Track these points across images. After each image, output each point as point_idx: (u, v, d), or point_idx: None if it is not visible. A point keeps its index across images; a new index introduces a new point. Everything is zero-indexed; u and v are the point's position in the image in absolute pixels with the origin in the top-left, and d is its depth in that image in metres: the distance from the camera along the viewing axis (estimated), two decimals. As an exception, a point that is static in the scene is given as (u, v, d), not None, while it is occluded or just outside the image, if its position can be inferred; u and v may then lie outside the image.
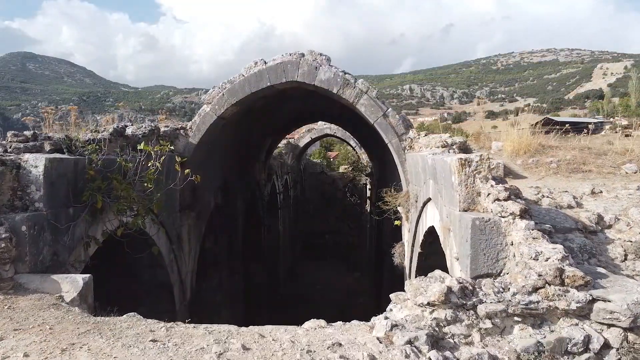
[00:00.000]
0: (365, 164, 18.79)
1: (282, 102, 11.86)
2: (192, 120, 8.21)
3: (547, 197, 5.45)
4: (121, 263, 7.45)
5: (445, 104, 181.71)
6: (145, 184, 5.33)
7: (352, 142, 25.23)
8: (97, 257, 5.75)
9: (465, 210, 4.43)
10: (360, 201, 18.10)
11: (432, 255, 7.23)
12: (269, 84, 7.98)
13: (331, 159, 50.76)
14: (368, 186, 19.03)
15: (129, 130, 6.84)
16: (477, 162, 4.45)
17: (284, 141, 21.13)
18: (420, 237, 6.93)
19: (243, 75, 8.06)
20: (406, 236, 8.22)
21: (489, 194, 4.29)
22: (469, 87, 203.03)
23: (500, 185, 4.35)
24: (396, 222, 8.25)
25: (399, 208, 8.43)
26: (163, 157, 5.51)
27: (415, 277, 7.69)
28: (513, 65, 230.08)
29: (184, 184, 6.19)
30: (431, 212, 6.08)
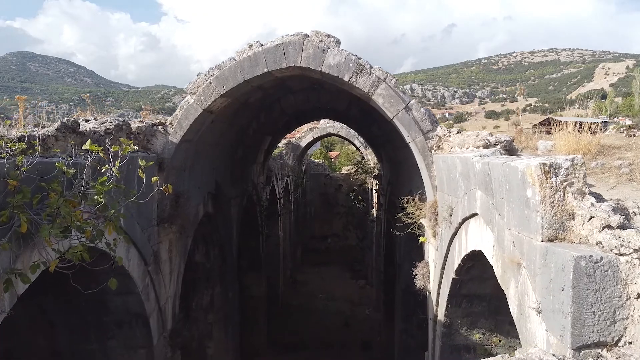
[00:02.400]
0: (373, 166, 17.36)
1: (282, 95, 10.45)
2: (173, 114, 6.79)
3: (640, 214, 4.03)
4: (86, 287, 6.04)
5: (447, 104, 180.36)
6: (96, 197, 3.91)
7: (356, 142, 23.82)
8: (58, 278, 4.36)
9: (551, 240, 3.00)
10: (365, 204, 16.70)
11: (469, 282, 5.82)
12: (265, 69, 6.56)
13: (332, 159, 49.43)
14: (374, 189, 17.59)
15: (88, 125, 5.42)
16: (567, 168, 3.03)
17: (284, 141, 19.74)
18: (456, 261, 5.51)
19: (234, 60, 6.63)
20: (432, 255, 6.79)
21: (591, 217, 2.86)
22: (470, 87, 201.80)
23: (606, 203, 2.93)
24: (421, 239, 6.82)
25: (422, 220, 7.01)
26: (118, 161, 4.08)
27: (447, 306, 6.26)
28: (514, 65, 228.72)
29: (154, 193, 4.76)
30: (477, 232, 4.66)
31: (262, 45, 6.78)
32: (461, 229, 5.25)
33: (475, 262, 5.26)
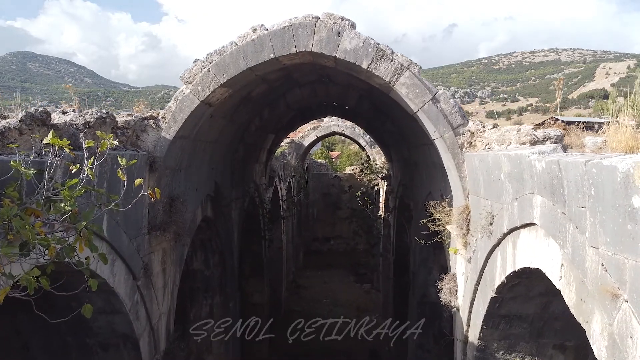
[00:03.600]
0: (381, 166, 16.53)
1: (287, 89, 9.64)
2: (167, 106, 5.96)
3: None
4: (66, 306, 5.25)
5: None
6: (63, 205, 3.08)
7: (361, 141, 23.01)
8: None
9: (675, 267, 2.18)
10: (372, 206, 15.86)
11: (510, 301, 4.99)
12: (272, 55, 5.73)
13: (333, 159, 48.59)
14: (382, 190, 16.77)
15: (65, 118, 4.60)
16: (695, 169, 2.21)
17: (287, 139, 18.91)
18: (497, 277, 4.68)
19: (236, 45, 5.80)
20: (462, 267, 5.96)
21: None
22: (470, 87, 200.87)
23: None
24: (451, 250, 5.98)
25: (448, 227, 6.19)
26: (91, 160, 3.25)
27: (482, 327, 5.43)
28: (515, 65, 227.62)
29: (144, 197, 3.94)
30: (532, 245, 3.83)
31: (267, 29, 5.95)
32: (506, 241, 4.43)
33: (523, 279, 4.45)
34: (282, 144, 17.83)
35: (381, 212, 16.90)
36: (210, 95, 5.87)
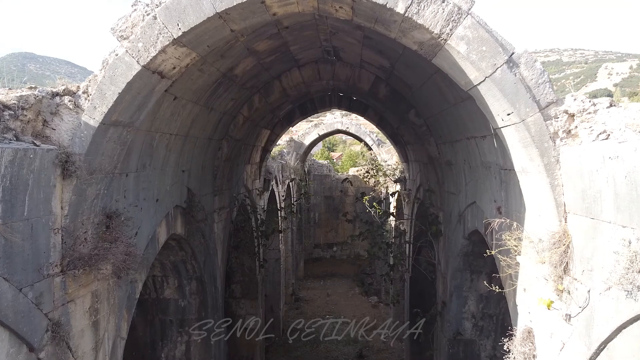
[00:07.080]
0: (395, 167, 14.43)
1: (283, 70, 7.56)
2: (91, 74, 3.87)
3: None
4: None
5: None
6: None
7: (367, 139, 20.90)
8: None
9: None
10: (391, 218, 13.66)
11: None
12: (254, -7, 3.65)
13: (334, 160, 46.54)
14: (394, 194, 14.65)
15: None
16: None
17: (285, 137, 16.85)
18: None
19: (198, -23, 3.71)
20: (551, 325, 3.85)
21: None
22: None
23: None
24: (542, 301, 3.76)
25: (519, 258, 4.09)
26: None
27: None
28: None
29: (42, 220, 1.85)
30: None
31: (249, -39, 3.87)
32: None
33: None
34: (280, 142, 15.79)
35: (391, 219, 14.78)
36: (159, 57, 3.77)
